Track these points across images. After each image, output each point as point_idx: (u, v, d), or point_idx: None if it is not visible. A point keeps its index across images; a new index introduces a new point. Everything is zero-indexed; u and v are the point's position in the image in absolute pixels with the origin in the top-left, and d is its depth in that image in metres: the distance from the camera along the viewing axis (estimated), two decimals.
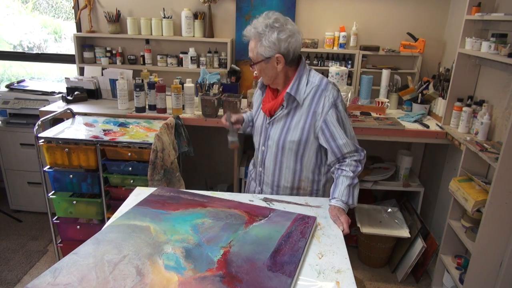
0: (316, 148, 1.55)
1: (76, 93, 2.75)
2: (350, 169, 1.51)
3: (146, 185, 2.10)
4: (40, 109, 2.54)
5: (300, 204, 1.49)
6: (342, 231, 1.34)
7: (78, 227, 2.33)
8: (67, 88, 2.80)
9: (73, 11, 3.07)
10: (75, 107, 2.57)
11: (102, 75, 2.87)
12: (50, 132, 2.20)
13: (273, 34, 1.43)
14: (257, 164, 1.70)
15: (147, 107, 2.56)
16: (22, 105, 2.84)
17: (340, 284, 1.05)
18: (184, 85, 2.51)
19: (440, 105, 2.58)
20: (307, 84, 1.52)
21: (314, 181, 1.63)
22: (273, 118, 1.56)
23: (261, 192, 1.71)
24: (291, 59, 1.50)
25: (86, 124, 2.35)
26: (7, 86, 2.95)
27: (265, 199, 1.53)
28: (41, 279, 0.98)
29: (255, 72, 1.54)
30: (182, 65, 2.98)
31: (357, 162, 1.52)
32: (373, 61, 2.93)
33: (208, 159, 3.19)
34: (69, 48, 3.55)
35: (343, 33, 2.82)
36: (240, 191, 2.67)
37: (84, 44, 3.01)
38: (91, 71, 2.97)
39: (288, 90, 1.49)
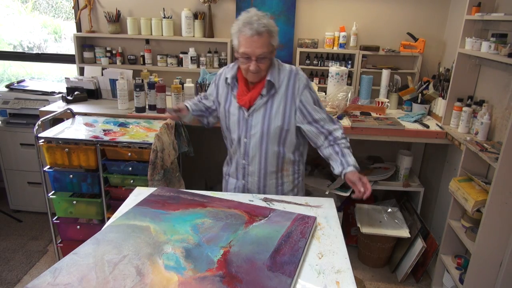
0: (296, 129, 1.67)
1: (76, 93, 2.75)
2: (345, 141, 1.66)
3: (146, 185, 2.10)
4: (40, 109, 2.54)
5: (300, 204, 1.49)
6: (364, 193, 1.48)
7: (78, 227, 2.33)
8: (67, 88, 2.80)
9: (73, 11, 3.07)
10: (75, 107, 2.57)
11: (102, 75, 2.87)
12: (50, 132, 2.20)
13: (276, 26, 1.57)
14: (238, 158, 1.75)
15: (147, 107, 2.56)
16: (22, 105, 2.84)
17: (340, 284, 1.05)
18: (184, 85, 2.51)
19: (440, 105, 2.58)
20: (279, 71, 1.64)
21: (295, 161, 1.76)
22: (252, 108, 1.63)
23: (246, 184, 1.78)
24: None
25: (86, 124, 2.35)
26: (7, 86, 2.95)
27: (265, 199, 1.53)
28: (41, 279, 0.98)
29: (254, 67, 1.54)
30: (182, 65, 2.98)
31: (343, 134, 1.68)
32: (373, 61, 2.93)
33: (208, 159, 3.19)
34: (69, 48, 3.55)
35: (343, 33, 2.82)
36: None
37: (84, 44, 3.01)
38: (91, 71, 2.97)
39: (269, 78, 1.60)
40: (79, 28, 3.05)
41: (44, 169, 2.24)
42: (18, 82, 3.06)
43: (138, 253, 1.09)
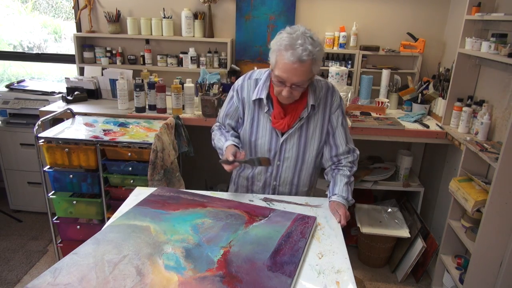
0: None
1: (76, 93, 2.75)
2: (347, 169, 1.58)
3: (146, 185, 2.10)
4: (40, 109, 2.54)
5: (300, 204, 1.49)
6: (339, 223, 1.39)
7: (78, 227, 2.33)
8: (67, 88, 2.80)
9: (73, 11, 3.07)
10: (75, 107, 2.57)
11: (102, 75, 2.87)
12: (50, 132, 2.20)
13: (323, 50, 1.41)
14: (268, 178, 1.62)
15: (147, 107, 2.56)
16: (22, 105, 2.84)
17: (340, 284, 1.05)
18: (184, 85, 2.51)
19: (440, 105, 2.58)
20: (316, 88, 1.51)
21: (318, 172, 1.71)
22: (289, 132, 1.51)
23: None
24: None
25: (86, 124, 2.35)
26: (7, 86, 2.95)
27: (265, 199, 1.53)
28: (41, 279, 0.98)
29: (287, 94, 1.37)
30: (182, 65, 2.98)
31: (352, 163, 1.59)
32: (373, 61, 2.93)
33: (208, 159, 3.19)
34: (69, 48, 3.55)
35: (343, 33, 2.82)
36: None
37: (84, 44, 3.01)
38: (91, 71, 2.97)
39: (312, 102, 1.47)
40: (79, 28, 3.05)
41: (44, 169, 2.24)
42: (18, 82, 3.06)
43: (138, 253, 1.09)
